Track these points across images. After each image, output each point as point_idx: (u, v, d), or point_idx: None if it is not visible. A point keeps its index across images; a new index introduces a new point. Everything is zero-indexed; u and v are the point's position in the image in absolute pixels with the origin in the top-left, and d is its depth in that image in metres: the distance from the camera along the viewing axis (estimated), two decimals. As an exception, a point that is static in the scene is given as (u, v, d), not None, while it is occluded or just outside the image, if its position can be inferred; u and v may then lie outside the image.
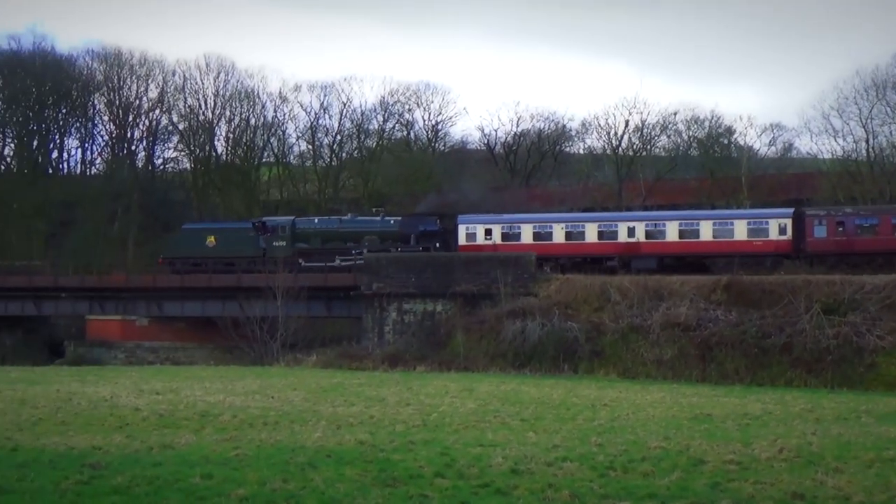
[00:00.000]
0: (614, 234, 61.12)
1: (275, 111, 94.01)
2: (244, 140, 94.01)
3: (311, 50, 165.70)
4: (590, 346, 50.10)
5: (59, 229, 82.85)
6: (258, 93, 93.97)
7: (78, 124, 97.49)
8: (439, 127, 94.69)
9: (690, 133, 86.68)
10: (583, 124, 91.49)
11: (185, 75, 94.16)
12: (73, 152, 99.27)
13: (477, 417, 28.06)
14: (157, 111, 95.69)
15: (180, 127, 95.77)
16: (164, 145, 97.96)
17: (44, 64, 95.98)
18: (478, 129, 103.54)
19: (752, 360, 47.11)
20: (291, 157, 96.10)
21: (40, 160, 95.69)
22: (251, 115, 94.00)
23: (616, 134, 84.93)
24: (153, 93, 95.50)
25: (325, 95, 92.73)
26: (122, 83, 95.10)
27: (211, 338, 64.26)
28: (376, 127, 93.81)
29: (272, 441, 21.97)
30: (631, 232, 60.68)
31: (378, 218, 65.14)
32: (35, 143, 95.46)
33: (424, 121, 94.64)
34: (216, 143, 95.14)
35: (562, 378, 46.09)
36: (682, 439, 22.71)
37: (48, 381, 40.44)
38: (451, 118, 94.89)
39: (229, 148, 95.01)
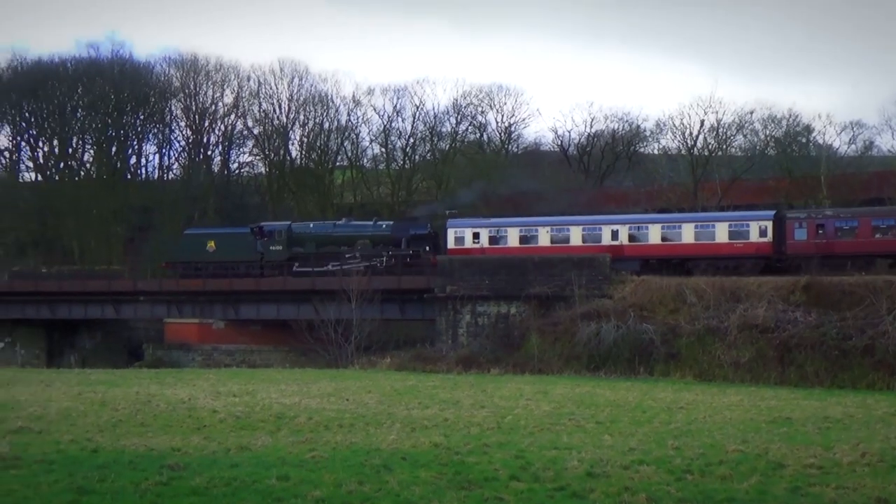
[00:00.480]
0: (598, 238, 61.79)
1: (348, 115, 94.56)
2: (318, 144, 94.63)
3: (383, 53, 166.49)
4: (665, 349, 49.60)
5: (137, 234, 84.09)
6: (332, 97, 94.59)
7: (155, 130, 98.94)
8: (512, 129, 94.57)
9: (767, 132, 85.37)
10: (657, 124, 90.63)
11: (259, 80, 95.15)
12: (150, 158, 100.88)
13: (552, 420, 27.90)
14: (233, 116, 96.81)
15: (255, 131, 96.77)
16: (239, 150, 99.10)
17: (122, 71, 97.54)
18: (551, 130, 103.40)
19: (833, 363, 46.25)
20: (365, 161, 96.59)
21: (119, 166, 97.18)
22: (325, 119, 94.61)
23: (691, 134, 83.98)
24: (229, 98, 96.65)
25: (397, 98, 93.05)
26: (198, 89, 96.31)
27: (286, 340, 64.80)
28: (449, 129, 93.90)
29: (347, 443, 22.04)
30: (614, 235, 61.38)
31: (371, 222, 66.58)
32: (114, 149, 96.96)
33: (497, 123, 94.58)
34: (290, 147, 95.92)
35: (637, 381, 45.68)
36: (761, 443, 22.37)
37: (128, 383, 41.00)
38: (524, 120, 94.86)
39: (303, 152, 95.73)
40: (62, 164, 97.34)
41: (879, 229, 57.42)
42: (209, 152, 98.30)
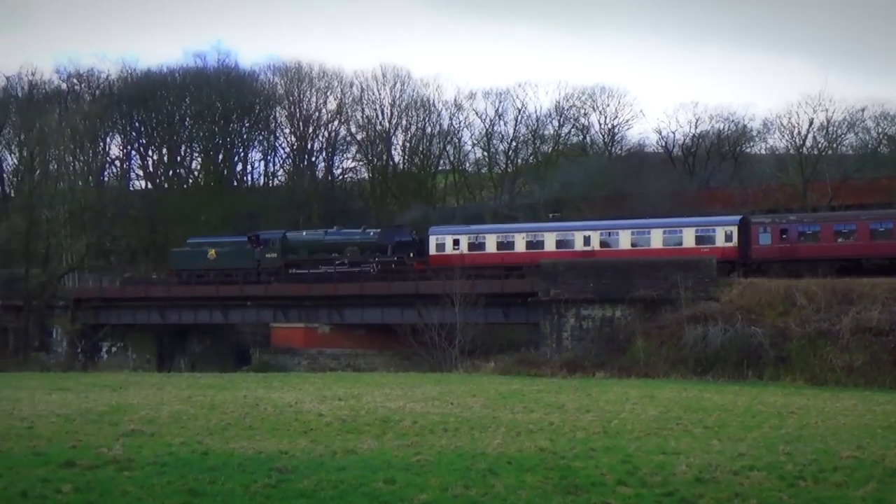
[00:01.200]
0: (571, 243, 63.60)
1: (450, 119, 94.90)
2: (420, 148, 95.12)
3: (485, 57, 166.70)
4: (775, 352, 48.61)
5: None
6: (433, 101, 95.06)
7: (261, 137, 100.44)
8: (616, 130, 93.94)
9: (880, 130, 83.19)
10: (764, 124, 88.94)
11: (362, 86, 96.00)
12: (256, 165, 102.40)
13: (658, 425, 27.52)
14: (336, 122, 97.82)
15: (358, 137, 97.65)
16: (342, 155, 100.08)
17: (228, 80, 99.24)
18: (655, 131, 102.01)
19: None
20: (467, 165, 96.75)
21: (226, 173, 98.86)
22: (427, 124, 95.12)
23: (799, 133, 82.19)
24: (332, 104, 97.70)
25: (499, 102, 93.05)
26: (302, 96, 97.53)
27: (390, 344, 65.16)
28: (552, 132, 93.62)
29: (453, 447, 22.01)
30: (587, 241, 63.00)
31: (360, 230, 68.66)
32: (220, 156, 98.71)
33: (600, 124, 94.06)
34: (393, 152, 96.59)
35: (746, 385, 44.86)
36: (877, 449, 21.75)
37: (236, 386, 41.61)
38: (627, 121, 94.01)
39: (406, 157, 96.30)
40: (171, 172, 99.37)
41: (841, 234, 58.64)
42: (313, 158, 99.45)
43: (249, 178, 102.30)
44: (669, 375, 48.78)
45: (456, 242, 65.15)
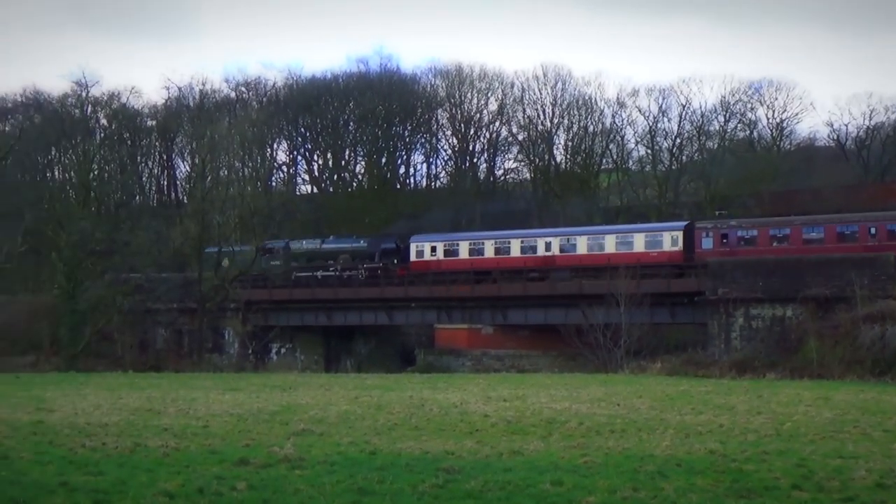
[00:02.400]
0: (534, 249, 67.88)
1: (612, 117, 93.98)
2: (583, 147, 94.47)
3: (647, 53, 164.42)
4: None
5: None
6: (595, 99, 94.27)
7: (423, 140, 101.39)
8: (784, 125, 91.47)
9: None
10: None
11: (523, 86, 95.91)
12: (418, 167, 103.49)
13: (834, 428, 26.51)
14: (497, 123, 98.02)
15: (519, 137, 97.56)
16: (504, 156, 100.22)
17: (390, 84, 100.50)
18: (826, 124, 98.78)
19: None
20: (630, 163, 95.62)
21: (389, 176, 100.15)
22: (589, 123, 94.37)
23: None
24: (493, 105, 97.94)
25: (663, 98, 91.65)
26: (463, 98, 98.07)
27: (554, 345, 64.86)
28: (717, 128, 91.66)
29: (620, 449, 21.66)
30: (548, 246, 67.13)
31: (352, 239, 72.81)
32: (384, 159, 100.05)
33: (768, 119, 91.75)
34: (555, 151, 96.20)
35: (929, 387, 42.90)
36: None
37: (401, 387, 42.00)
38: (796, 115, 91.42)
39: (568, 156, 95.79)
40: (336, 176, 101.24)
41: (776, 238, 61.92)
42: (475, 160, 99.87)
43: (412, 180, 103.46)
44: (845, 377, 47.03)
45: (433, 249, 69.21)
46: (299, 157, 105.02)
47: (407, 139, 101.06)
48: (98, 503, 14.68)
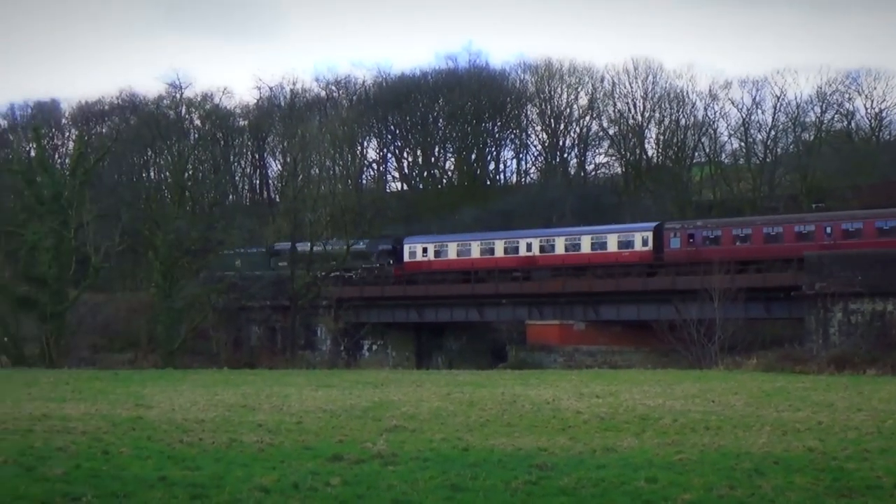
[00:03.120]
0: (516, 249, 71.17)
1: (705, 110, 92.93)
2: (675, 141, 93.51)
3: (740, 45, 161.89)
4: None
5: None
6: (687, 92, 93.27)
7: (512, 136, 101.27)
8: (883, 115, 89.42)
9: None
10: None
11: (613, 80, 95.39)
12: (508, 163, 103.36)
13: (940, 425, 25.79)
14: (588, 118, 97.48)
15: (610, 132, 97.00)
16: (594, 151, 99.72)
17: (479, 80, 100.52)
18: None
19: None
20: (723, 156, 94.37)
21: (478, 172, 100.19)
22: (681, 116, 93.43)
23: None
24: (583, 100, 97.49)
25: (756, 90, 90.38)
26: (552, 93, 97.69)
27: (647, 341, 64.25)
28: (813, 119, 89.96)
29: (715, 446, 21.33)
30: (529, 247, 70.17)
31: (352, 241, 72.72)
32: (473, 156, 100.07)
33: (866, 109, 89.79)
34: (646, 145, 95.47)
35: None
36: None
37: (493, 383, 41.90)
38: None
39: (660, 150, 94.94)
40: (425, 173, 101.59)
41: (739, 238, 64.61)
42: (565, 155, 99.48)
43: (502, 176, 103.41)
44: (950, 373, 45.84)
45: (424, 250, 71.76)
46: (389, 155, 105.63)
47: (496, 135, 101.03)
48: (196, 497, 14.85)
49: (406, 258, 74.53)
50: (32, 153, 75.98)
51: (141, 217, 73.82)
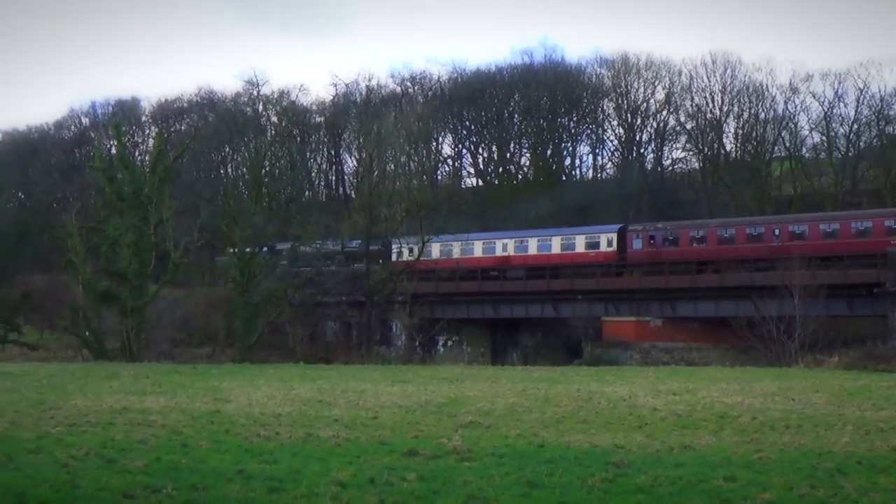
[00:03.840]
0: (493, 249, 74.52)
1: (785, 104, 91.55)
2: (754, 135, 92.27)
3: (821, 37, 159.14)
4: None
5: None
6: (767, 86, 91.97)
7: (588, 131, 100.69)
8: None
9: None
10: None
11: (691, 74, 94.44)
12: (584, 158, 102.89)
13: None
14: (665, 112, 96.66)
15: (688, 126, 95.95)
16: (671, 146, 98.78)
17: (555, 75, 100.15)
18: None
19: None
20: (804, 150, 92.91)
21: (554, 168, 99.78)
22: (760, 110, 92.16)
23: None
24: (660, 94, 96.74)
25: (838, 83, 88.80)
26: (629, 87, 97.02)
27: (725, 338, 63.48)
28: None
29: (796, 445, 20.97)
30: (504, 247, 73.23)
31: (347, 242, 74.39)
32: (549, 151, 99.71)
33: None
34: (724, 140, 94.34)
35: None
36: None
37: (568, 380, 41.69)
38: None
39: (738, 144, 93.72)
40: (501, 169, 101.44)
41: (695, 239, 67.80)
42: (642, 150, 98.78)
43: (578, 171, 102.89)
44: None
45: (411, 250, 72.74)
46: (464, 151, 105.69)
47: (572, 130, 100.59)
48: (273, 491, 14.96)
49: (394, 257, 75.36)
50: (113, 150, 77.23)
51: (219, 213, 74.64)
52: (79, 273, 64.71)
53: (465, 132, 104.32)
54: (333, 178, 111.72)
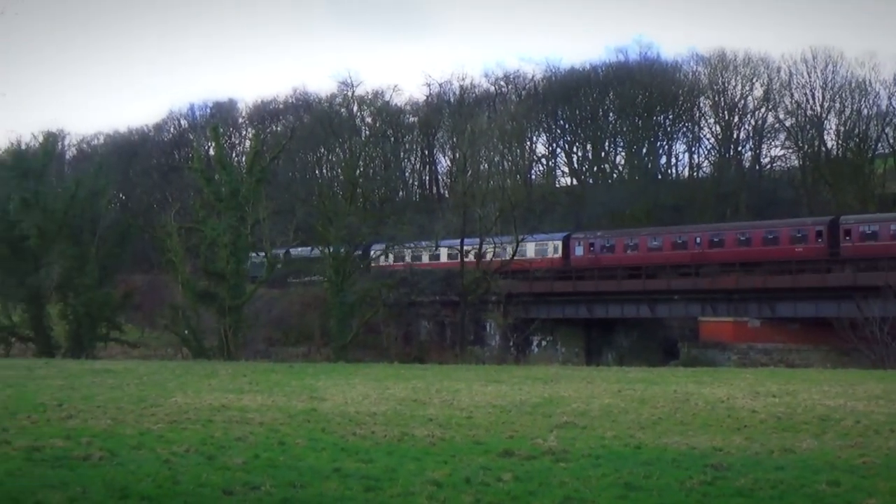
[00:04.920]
0: (466, 254, 74.59)
1: (889, 99, 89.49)
2: (856, 132, 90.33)
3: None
4: None
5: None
6: (870, 81, 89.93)
7: (684, 129, 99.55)
8: None
9: None
10: None
11: (790, 70, 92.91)
12: (680, 157, 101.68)
13: None
14: (763, 109, 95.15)
15: (787, 123, 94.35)
16: (770, 143, 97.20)
17: (650, 73, 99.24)
18: None
19: None
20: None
21: (650, 166, 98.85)
22: (863, 106, 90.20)
23: None
24: (758, 91, 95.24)
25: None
26: (726, 84, 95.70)
27: (826, 339, 62.25)
28: None
29: (902, 449, 20.42)
30: (466, 254, 73.76)
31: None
32: (644, 150, 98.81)
33: None
34: (825, 137, 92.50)
35: None
36: None
37: (665, 381, 41.19)
38: None
39: (840, 141, 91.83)
40: (595, 168, 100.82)
41: (629, 247, 73.44)
42: (739, 148, 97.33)
43: (674, 170, 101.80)
44: None
45: (385, 255, 75.24)
46: (558, 150, 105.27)
47: (668, 128, 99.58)
48: (369, 490, 15.00)
49: (373, 262, 77.12)
50: (212, 152, 78.35)
51: (314, 213, 75.35)
52: (178, 272, 65.85)
53: (559, 131, 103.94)
54: (427, 177, 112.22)
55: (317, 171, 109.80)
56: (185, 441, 19.64)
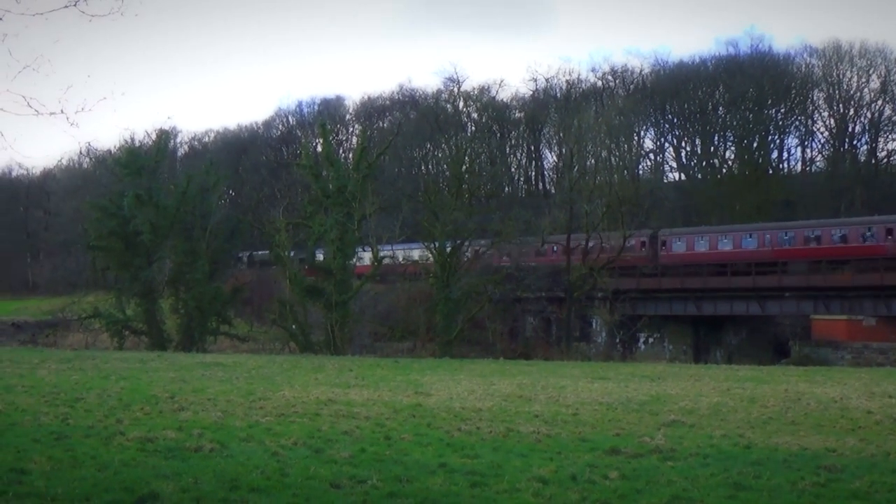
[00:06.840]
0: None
1: None
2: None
3: None
4: None
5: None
6: None
7: (797, 122, 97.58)
8: None
9: None
10: None
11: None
12: (792, 151, 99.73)
13: None
14: (880, 101, 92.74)
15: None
16: (887, 136, 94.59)
17: (762, 65, 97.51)
18: None
19: None
20: None
21: (760, 161, 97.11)
22: None
23: None
24: (875, 83, 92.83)
25: None
26: (841, 76, 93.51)
27: (947, 339, 60.45)
28: None
29: None
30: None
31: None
32: (755, 144, 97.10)
33: None
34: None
35: None
36: None
37: (775, 380, 40.42)
38: None
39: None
40: (704, 163, 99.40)
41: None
42: (854, 141, 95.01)
43: (786, 165, 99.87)
44: None
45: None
46: (667, 144, 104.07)
47: (780, 122, 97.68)
48: (475, 485, 14.97)
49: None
50: (319, 148, 79.20)
51: (420, 209, 75.65)
52: (286, 268, 66.72)
53: (667, 125, 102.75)
54: (533, 173, 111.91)
55: (422, 167, 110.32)
56: (293, 434, 19.87)
